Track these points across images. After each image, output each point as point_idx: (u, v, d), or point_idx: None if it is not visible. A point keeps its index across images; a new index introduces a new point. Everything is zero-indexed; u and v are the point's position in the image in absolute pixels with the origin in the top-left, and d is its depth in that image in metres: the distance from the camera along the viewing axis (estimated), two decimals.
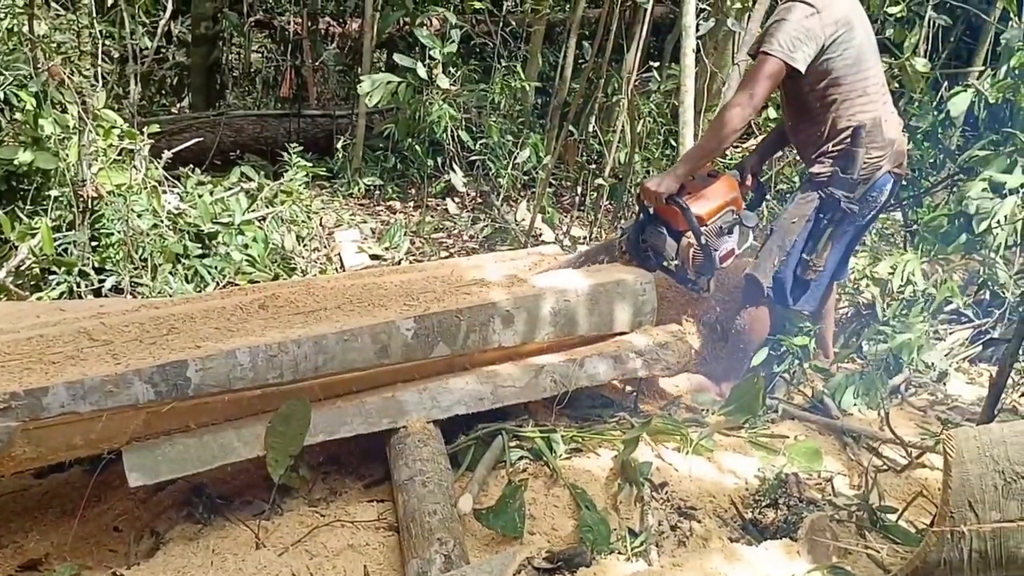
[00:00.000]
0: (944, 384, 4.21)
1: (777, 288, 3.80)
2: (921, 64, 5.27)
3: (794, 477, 3.03)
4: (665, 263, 3.85)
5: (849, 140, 3.59)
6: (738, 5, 5.26)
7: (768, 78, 3.50)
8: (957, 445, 1.95)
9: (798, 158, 4.58)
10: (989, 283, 4.58)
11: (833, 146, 3.66)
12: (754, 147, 4.39)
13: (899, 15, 5.39)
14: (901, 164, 3.79)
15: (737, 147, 5.46)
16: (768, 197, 4.12)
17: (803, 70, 3.48)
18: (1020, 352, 2.77)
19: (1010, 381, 3.50)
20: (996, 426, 2.02)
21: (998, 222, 4.57)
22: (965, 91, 5.11)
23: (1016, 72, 4.98)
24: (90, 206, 4.64)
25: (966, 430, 1.99)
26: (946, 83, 5.53)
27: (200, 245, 5.05)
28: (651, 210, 3.83)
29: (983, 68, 5.48)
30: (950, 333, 4.55)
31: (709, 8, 5.40)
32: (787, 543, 2.63)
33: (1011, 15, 5.20)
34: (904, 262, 4.44)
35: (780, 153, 5.10)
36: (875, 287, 4.44)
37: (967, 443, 1.95)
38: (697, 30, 5.19)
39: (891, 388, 4.05)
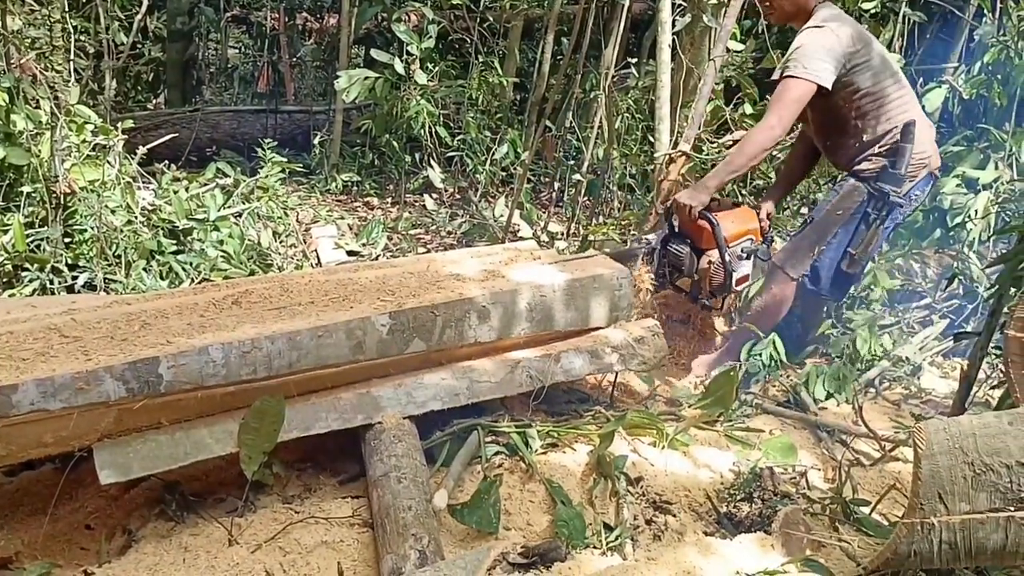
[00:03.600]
0: (918, 378, 4.25)
1: (813, 277, 3.96)
2: (895, 60, 5.31)
3: (769, 471, 3.05)
4: (680, 281, 3.96)
5: (899, 137, 3.71)
6: (714, 1, 5.26)
7: (795, 101, 3.63)
8: (927, 437, 1.96)
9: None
10: (962, 277, 4.62)
11: (880, 146, 3.78)
12: (769, 186, 4.53)
13: (873, 11, 5.42)
14: (937, 166, 3.95)
15: (714, 142, 5.47)
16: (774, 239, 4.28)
17: (829, 87, 3.62)
18: (991, 345, 2.78)
19: (982, 374, 3.52)
20: (965, 418, 2.04)
21: (970, 217, 4.62)
22: (940, 87, 5.15)
23: (990, 68, 5.03)
24: (63, 202, 4.59)
25: (936, 422, 2.00)
26: (921, 79, 5.57)
27: (175, 241, 5.01)
28: (676, 226, 3.91)
29: (957, 65, 5.51)
30: (908, 315, 4.61)
31: (685, 4, 5.40)
32: (761, 536, 2.65)
33: (986, 12, 5.25)
34: None
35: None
36: None
37: (937, 435, 1.97)
38: (673, 26, 5.20)
39: (865, 382, 4.10)
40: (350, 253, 5.82)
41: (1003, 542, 1.95)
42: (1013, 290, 2.62)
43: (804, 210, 5.78)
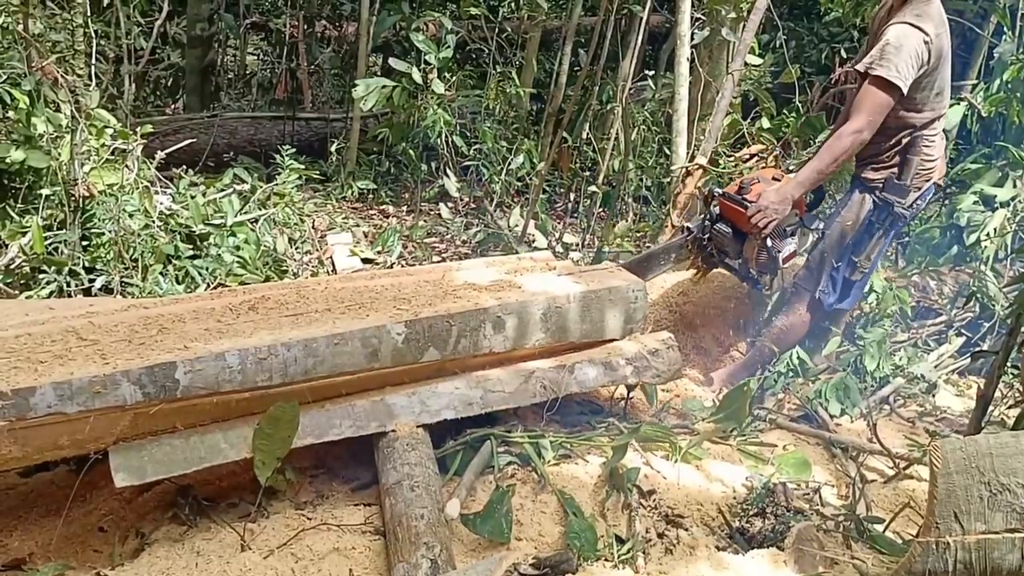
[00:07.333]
0: (933, 396, 4.23)
1: (832, 291, 3.99)
2: None
3: (782, 486, 3.04)
4: (728, 260, 3.97)
5: (905, 147, 3.72)
6: (733, 15, 5.27)
7: (884, 104, 3.57)
8: (944, 456, 1.96)
9: None
10: (978, 295, 4.60)
11: (889, 153, 3.78)
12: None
13: None
14: (942, 176, 3.95)
15: (730, 155, 5.47)
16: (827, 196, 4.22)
17: (905, 93, 3.57)
18: (1008, 365, 2.77)
19: (998, 394, 3.51)
20: (983, 438, 2.03)
21: (988, 234, 4.60)
22: (958, 104, 5.13)
23: (1009, 86, 5.01)
24: (81, 205, 4.62)
25: (953, 441, 1.99)
26: None
27: (191, 246, 5.03)
28: (718, 210, 3.91)
29: (976, 82, 5.49)
30: (923, 332, 4.59)
31: (704, 17, 5.41)
32: (774, 552, 2.64)
33: (1005, 29, 5.23)
34: None
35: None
36: None
37: (954, 454, 1.96)
38: (692, 39, 5.21)
39: (880, 399, 4.08)
40: (365, 260, 5.83)
41: (1019, 563, 1.94)
42: None
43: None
